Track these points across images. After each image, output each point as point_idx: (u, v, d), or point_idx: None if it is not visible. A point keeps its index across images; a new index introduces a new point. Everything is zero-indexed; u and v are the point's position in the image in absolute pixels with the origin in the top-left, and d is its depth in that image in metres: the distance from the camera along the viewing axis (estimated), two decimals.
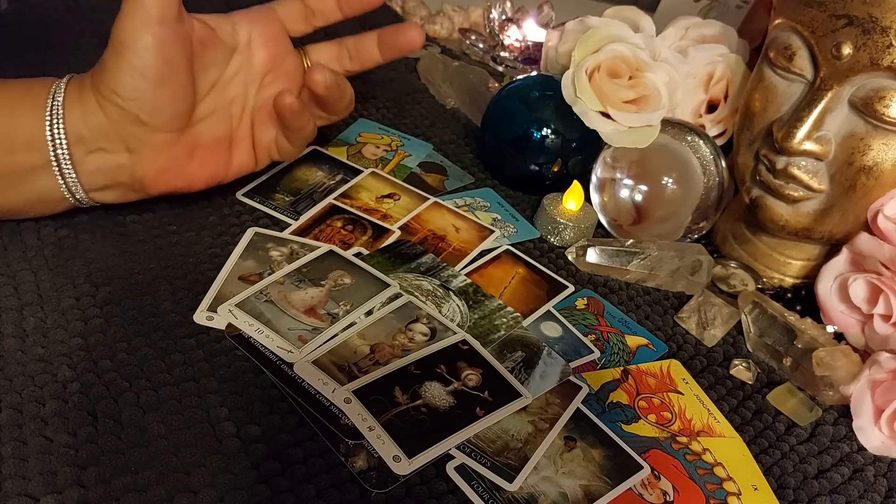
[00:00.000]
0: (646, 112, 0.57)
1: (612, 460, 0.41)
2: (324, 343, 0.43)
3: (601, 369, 0.47)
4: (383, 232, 0.53)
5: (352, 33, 0.54)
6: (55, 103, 0.43)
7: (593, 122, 0.57)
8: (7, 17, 0.70)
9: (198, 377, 0.41)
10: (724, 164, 0.57)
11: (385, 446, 0.38)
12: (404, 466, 0.38)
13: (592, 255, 0.55)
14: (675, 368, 0.49)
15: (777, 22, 0.52)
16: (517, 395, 0.43)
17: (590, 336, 0.49)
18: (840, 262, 0.53)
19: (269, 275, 0.47)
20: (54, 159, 0.44)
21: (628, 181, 0.58)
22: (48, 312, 0.43)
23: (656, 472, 0.41)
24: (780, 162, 0.51)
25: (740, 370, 0.50)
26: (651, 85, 0.57)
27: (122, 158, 0.45)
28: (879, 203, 0.50)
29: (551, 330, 0.49)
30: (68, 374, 0.40)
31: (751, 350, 0.52)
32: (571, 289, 0.53)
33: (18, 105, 0.43)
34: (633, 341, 0.50)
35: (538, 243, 0.57)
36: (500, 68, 0.80)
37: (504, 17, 0.80)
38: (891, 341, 0.49)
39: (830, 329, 0.52)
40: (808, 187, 0.51)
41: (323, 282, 0.47)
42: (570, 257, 0.56)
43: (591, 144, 0.59)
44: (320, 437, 0.39)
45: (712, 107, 0.64)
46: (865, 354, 0.50)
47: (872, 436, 0.46)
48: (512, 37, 0.80)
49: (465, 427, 0.40)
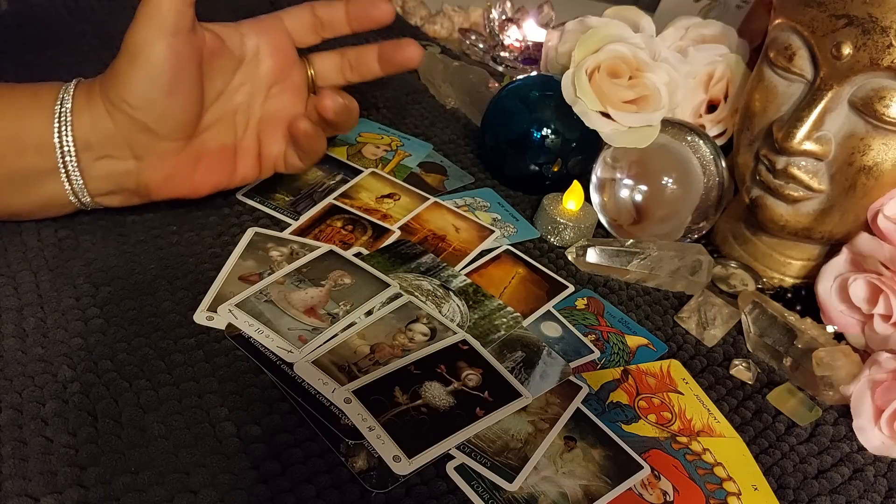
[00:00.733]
0: (646, 112, 0.57)
1: (612, 460, 0.41)
2: (324, 343, 0.43)
3: (601, 369, 0.47)
4: (383, 232, 0.53)
5: (355, 39, 0.54)
6: (63, 109, 0.43)
7: (593, 122, 0.57)
8: (7, 17, 0.70)
9: (198, 377, 0.41)
10: (724, 164, 0.57)
11: (385, 446, 0.38)
12: (404, 466, 0.38)
13: (592, 255, 0.55)
14: (675, 368, 0.49)
15: (777, 22, 0.52)
16: (517, 395, 0.43)
17: (590, 336, 0.49)
18: (840, 262, 0.53)
19: (269, 275, 0.47)
20: (62, 165, 0.44)
21: (628, 181, 0.58)
22: (48, 312, 0.43)
23: (656, 472, 0.41)
24: (780, 162, 0.51)
25: (740, 370, 0.50)
26: (651, 85, 0.57)
27: (129, 165, 0.45)
28: (879, 203, 0.50)
29: (551, 330, 0.49)
30: (68, 374, 0.40)
31: (751, 350, 0.52)
32: (571, 289, 0.53)
33: (27, 109, 0.43)
34: (633, 341, 0.50)
35: (538, 243, 0.57)
36: (500, 68, 0.80)
37: (504, 17, 0.80)
38: (891, 341, 0.49)
39: (830, 329, 0.52)
40: (808, 187, 0.51)
41: (323, 282, 0.47)
42: (570, 257, 0.56)
43: (591, 144, 0.59)
44: (320, 437, 0.39)
45: (712, 107, 0.64)
46: (865, 354, 0.50)
47: (872, 436, 0.46)
48: (512, 37, 0.80)
49: (465, 427, 0.40)
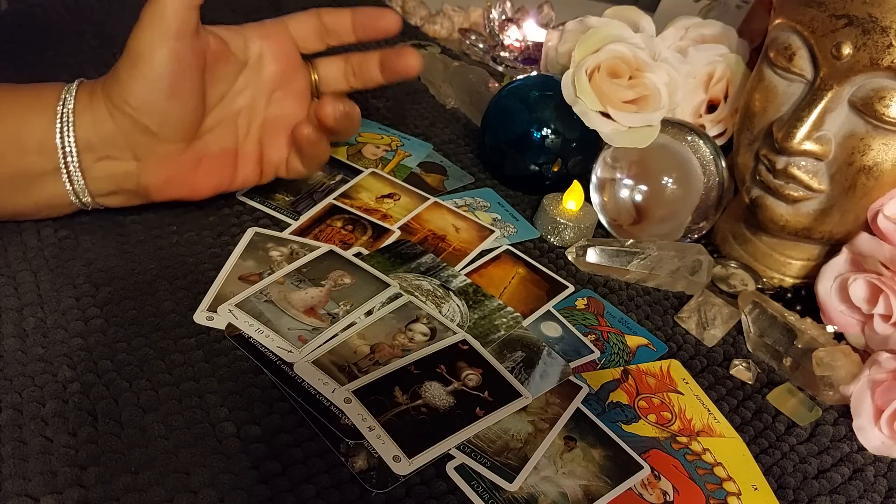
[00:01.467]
0: (646, 112, 0.57)
1: (612, 460, 0.41)
2: (324, 343, 0.43)
3: (601, 369, 0.47)
4: (383, 232, 0.53)
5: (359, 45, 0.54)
6: (65, 110, 0.43)
7: (593, 122, 0.57)
8: (7, 17, 0.70)
9: (198, 377, 0.41)
10: (724, 164, 0.57)
11: (385, 446, 0.38)
12: (404, 466, 0.38)
13: (592, 255, 0.55)
14: (675, 368, 0.49)
15: (777, 22, 0.52)
16: (517, 395, 0.43)
17: (590, 336, 0.49)
18: (840, 262, 0.53)
19: (269, 275, 0.47)
20: (63, 165, 0.44)
21: (628, 181, 0.58)
22: (48, 312, 0.43)
23: (656, 472, 0.41)
24: (780, 162, 0.51)
25: (740, 370, 0.50)
26: (651, 85, 0.57)
27: (130, 166, 0.45)
28: (879, 203, 0.50)
29: (551, 330, 0.49)
30: (68, 374, 0.40)
31: (751, 350, 0.52)
32: (571, 289, 0.53)
33: (29, 109, 0.43)
34: (633, 341, 0.50)
35: (538, 243, 0.57)
36: (500, 68, 0.80)
37: (504, 17, 0.80)
38: (891, 341, 0.49)
39: (830, 329, 0.52)
40: (808, 187, 0.51)
41: (323, 282, 0.47)
42: (570, 257, 0.56)
43: (591, 144, 0.59)
44: (320, 437, 0.39)
45: (712, 107, 0.64)
46: (865, 354, 0.50)
47: (872, 436, 0.46)
48: (512, 37, 0.80)
49: (465, 427, 0.40)
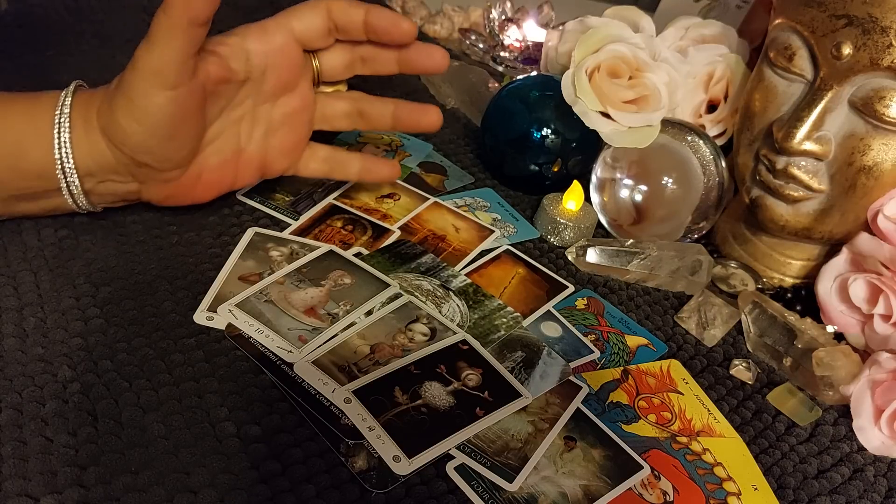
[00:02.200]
0: (646, 112, 0.57)
1: (612, 460, 0.41)
2: (324, 343, 0.43)
3: (601, 369, 0.47)
4: (383, 232, 0.53)
5: None
6: (62, 139, 0.42)
7: (593, 122, 0.57)
8: (7, 17, 0.70)
9: (198, 377, 0.41)
10: (724, 164, 0.57)
11: (385, 446, 0.38)
12: (404, 466, 0.38)
13: (592, 255, 0.55)
14: (675, 368, 0.49)
15: (777, 22, 0.52)
16: (517, 395, 0.43)
17: (590, 336, 0.49)
18: (840, 262, 0.53)
19: (269, 275, 0.47)
20: (65, 187, 0.44)
21: (628, 181, 0.58)
22: (48, 312, 0.43)
23: (656, 472, 0.41)
24: (780, 162, 0.51)
25: (740, 370, 0.50)
26: (651, 85, 0.57)
27: (132, 187, 0.46)
28: (879, 203, 0.50)
29: (551, 330, 0.49)
30: (68, 374, 0.40)
31: (751, 350, 0.52)
32: (571, 289, 0.53)
33: (24, 138, 0.42)
34: (633, 341, 0.50)
35: (538, 243, 0.57)
36: (500, 68, 0.80)
37: (504, 17, 0.80)
38: (891, 341, 0.49)
39: (830, 329, 0.52)
40: (808, 187, 0.51)
41: (323, 282, 0.47)
42: (570, 257, 0.56)
43: (591, 144, 0.59)
44: (320, 437, 0.39)
45: (712, 107, 0.64)
46: (865, 354, 0.50)
47: (872, 436, 0.46)
48: (512, 37, 0.80)
49: (465, 427, 0.40)
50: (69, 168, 0.43)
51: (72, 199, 0.45)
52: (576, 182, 0.57)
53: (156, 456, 0.37)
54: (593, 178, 0.59)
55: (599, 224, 0.59)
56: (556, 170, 0.59)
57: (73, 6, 0.74)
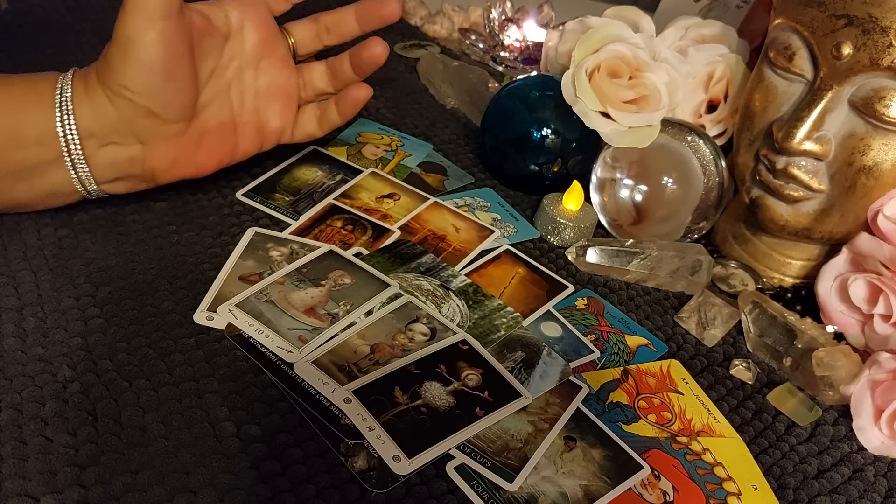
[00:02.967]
0: (646, 112, 0.57)
1: (612, 460, 0.41)
2: (324, 343, 0.43)
3: (601, 369, 0.47)
4: (383, 232, 0.53)
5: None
6: (63, 99, 0.44)
7: (593, 122, 0.57)
8: (7, 16, 0.70)
9: (198, 377, 0.41)
10: (724, 164, 0.57)
11: (385, 446, 0.38)
12: (404, 466, 0.38)
13: (592, 255, 0.55)
14: (675, 368, 0.49)
15: (777, 22, 0.52)
16: (517, 395, 0.43)
17: (590, 336, 0.49)
18: (840, 262, 0.53)
19: (269, 275, 0.47)
20: (67, 154, 0.44)
21: (628, 181, 0.58)
22: (48, 312, 0.43)
23: (656, 472, 0.41)
24: (780, 162, 0.51)
25: (740, 370, 0.50)
26: (651, 85, 0.57)
27: (134, 151, 0.46)
28: (879, 203, 0.50)
29: (551, 330, 0.49)
30: (68, 374, 0.40)
31: (751, 350, 0.52)
32: (571, 289, 0.53)
33: (24, 102, 0.43)
34: (633, 341, 0.50)
35: (538, 243, 0.57)
36: (500, 68, 0.80)
37: (504, 17, 0.80)
38: (891, 341, 0.49)
39: (830, 329, 0.52)
40: (808, 187, 0.51)
41: (323, 282, 0.47)
42: (570, 257, 0.56)
43: (591, 144, 0.59)
44: (320, 437, 0.39)
45: (712, 107, 0.64)
46: (865, 354, 0.50)
47: (872, 436, 0.46)
48: (512, 37, 0.80)
49: (465, 427, 0.40)
50: (69, 126, 0.43)
51: (72, 166, 0.45)
52: (576, 182, 0.57)
53: (156, 456, 0.37)
54: (593, 178, 0.59)
55: (599, 224, 0.59)
56: (556, 170, 0.59)
57: (73, 5, 0.74)
